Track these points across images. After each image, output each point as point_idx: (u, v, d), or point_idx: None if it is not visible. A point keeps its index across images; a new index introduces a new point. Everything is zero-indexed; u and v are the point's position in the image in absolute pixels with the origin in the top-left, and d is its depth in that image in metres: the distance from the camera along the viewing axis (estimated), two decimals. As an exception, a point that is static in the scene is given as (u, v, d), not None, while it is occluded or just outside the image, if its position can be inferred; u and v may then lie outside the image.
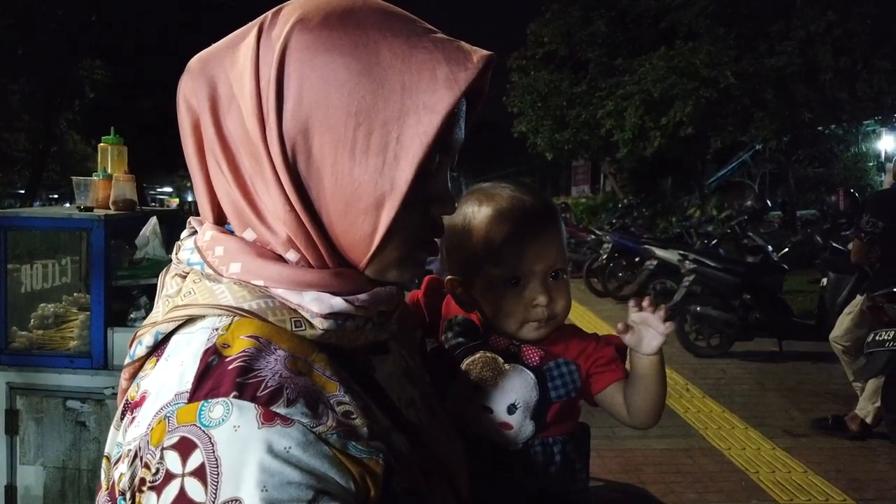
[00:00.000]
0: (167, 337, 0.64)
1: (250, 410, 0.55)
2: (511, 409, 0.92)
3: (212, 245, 0.65)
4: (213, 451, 0.53)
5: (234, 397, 0.55)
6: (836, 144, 15.12)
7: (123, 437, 0.60)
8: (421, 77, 0.61)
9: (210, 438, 0.53)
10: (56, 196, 28.97)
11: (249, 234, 0.64)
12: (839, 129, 14.34)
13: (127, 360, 0.66)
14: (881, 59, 12.06)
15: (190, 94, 0.65)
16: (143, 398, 0.60)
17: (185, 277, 0.66)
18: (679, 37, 13.84)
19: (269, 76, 0.61)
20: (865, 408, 4.44)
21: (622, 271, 10.05)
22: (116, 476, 0.59)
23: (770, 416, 4.94)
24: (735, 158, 17.90)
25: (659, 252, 7.84)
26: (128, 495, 0.57)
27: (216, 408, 0.55)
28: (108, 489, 0.61)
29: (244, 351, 0.58)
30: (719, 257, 7.33)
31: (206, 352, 0.59)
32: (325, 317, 0.62)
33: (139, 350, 0.65)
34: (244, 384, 0.56)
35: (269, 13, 0.65)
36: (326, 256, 0.64)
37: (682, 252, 7.30)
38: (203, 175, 0.67)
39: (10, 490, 2.75)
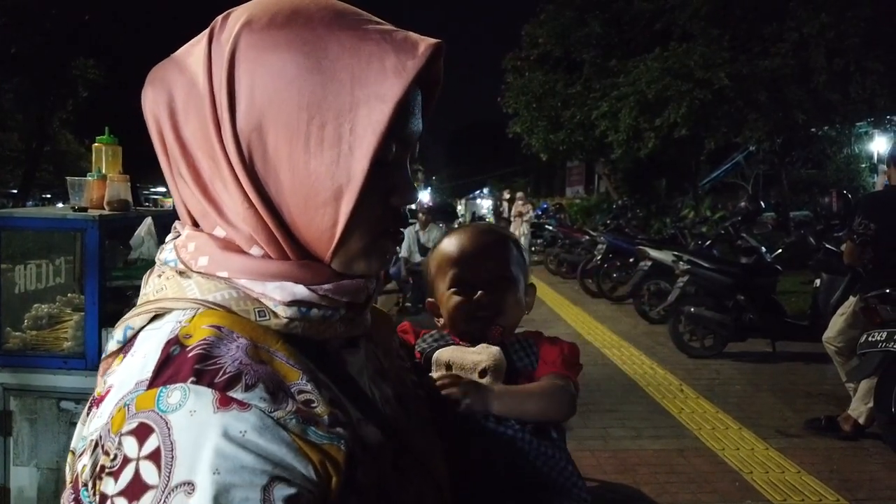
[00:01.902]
0: (137, 333, 0.65)
1: (207, 395, 0.55)
2: (483, 373, 1.00)
3: (186, 243, 0.67)
4: (169, 436, 0.53)
5: (192, 382, 0.56)
6: (829, 146, 15.16)
7: (87, 431, 0.61)
8: (370, 68, 0.62)
9: (167, 423, 0.54)
10: (49, 196, 28.83)
11: (219, 232, 0.66)
12: (832, 130, 14.39)
13: (103, 356, 0.68)
14: (874, 62, 12.13)
15: (152, 103, 0.67)
16: (107, 392, 0.61)
17: (161, 276, 0.69)
18: (673, 38, 13.88)
19: (221, 77, 0.62)
20: (858, 408, 4.46)
21: (616, 272, 10.07)
22: (80, 468, 0.60)
23: (763, 416, 4.96)
24: (729, 160, 17.96)
25: (653, 253, 7.86)
26: (90, 484, 0.57)
27: (174, 393, 0.55)
28: (72, 482, 0.62)
29: (204, 339, 0.59)
30: (713, 258, 7.36)
31: (167, 343, 0.60)
32: (288, 304, 0.63)
33: (111, 345, 0.66)
34: (202, 370, 0.57)
35: (220, 17, 0.66)
36: (289, 251, 0.65)
37: (676, 253, 7.33)
38: (174, 180, 0.68)
39: (4, 491, 2.73)
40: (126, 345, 0.65)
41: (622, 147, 14.49)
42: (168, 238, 0.71)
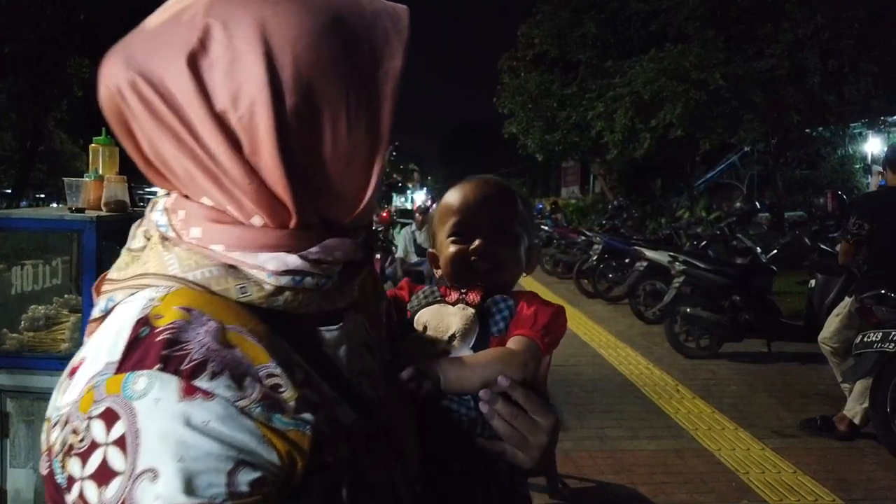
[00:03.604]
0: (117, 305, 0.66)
1: (172, 383, 0.56)
2: (451, 338, 0.98)
3: (175, 208, 0.66)
4: (135, 423, 0.55)
5: (159, 370, 0.56)
6: (824, 146, 15.19)
7: (61, 402, 0.61)
8: (376, 28, 0.65)
9: (132, 410, 0.55)
10: (43, 196, 28.71)
11: (206, 201, 0.64)
12: (826, 131, 14.43)
13: (88, 321, 0.69)
14: (868, 63, 12.19)
15: (164, 79, 0.61)
16: (80, 363, 0.61)
17: (149, 239, 0.68)
18: (669, 39, 13.92)
19: (255, 56, 0.60)
20: (854, 408, 4.48)
21: (612, 272, 10.08)
22: (53, 438, 0.60)
23: (759, 416, 4.98)
24: (724, 160, 17.98)
25: (649, 253, 7.88)
26: (60, 457, 0.58)
27: (140, 380, 0.56)
28: (46, 451, 0.62)
29: (173, 323, 0.59)
30: (709, 259, 7.38)
31: (138, 322, 0.60)
32: (281, 274, 0.63)
33: (95, 312, 0.67)
34: (169, 356, 0.57)
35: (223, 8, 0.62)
36: (296, 218, 0.63)
37: (671, 253, 7.34)
38: (154, 147, 0.64)
39: (0, 493, 2.72)
40: (107, 314, 0.65)
41: (618, 147, 14.52)
42: (161, 192, 0.70)
